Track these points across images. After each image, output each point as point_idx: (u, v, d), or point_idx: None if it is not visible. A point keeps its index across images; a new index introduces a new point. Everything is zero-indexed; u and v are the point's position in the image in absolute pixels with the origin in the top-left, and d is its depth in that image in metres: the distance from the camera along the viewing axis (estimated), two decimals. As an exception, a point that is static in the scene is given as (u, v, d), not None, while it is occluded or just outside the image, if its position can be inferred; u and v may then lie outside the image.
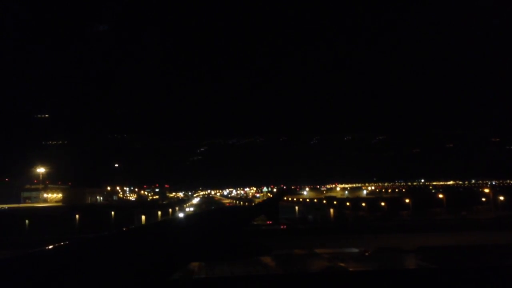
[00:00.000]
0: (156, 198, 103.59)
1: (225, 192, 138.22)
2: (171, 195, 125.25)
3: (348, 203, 57.52)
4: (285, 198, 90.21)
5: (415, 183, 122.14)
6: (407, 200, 46.88)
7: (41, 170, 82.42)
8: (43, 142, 79.77)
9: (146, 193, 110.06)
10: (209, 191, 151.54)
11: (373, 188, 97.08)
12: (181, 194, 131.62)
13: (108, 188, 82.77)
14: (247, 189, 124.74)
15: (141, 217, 51.10)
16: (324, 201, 64.43)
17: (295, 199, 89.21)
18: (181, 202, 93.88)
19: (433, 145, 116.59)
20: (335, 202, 62.52)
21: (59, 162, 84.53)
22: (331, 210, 57.42)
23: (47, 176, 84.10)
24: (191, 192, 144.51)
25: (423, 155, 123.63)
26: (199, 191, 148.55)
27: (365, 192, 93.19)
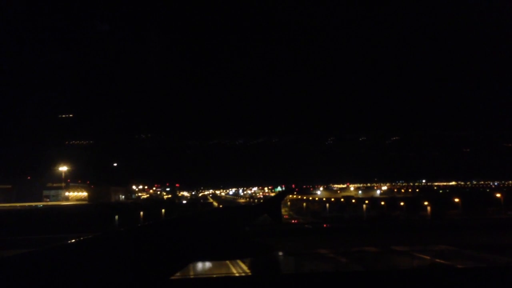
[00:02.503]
0: (169, 197, 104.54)
1: (231, 192, 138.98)
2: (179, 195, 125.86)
3: (382, 203, 60.01)
4: (310, 198, 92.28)
5: (417, 183, 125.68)
6: (456, 200, 49.25)
7: (63, 168, 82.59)
8: (67, 142, 79.99)
9: (158, 192, 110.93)
10: (211, 190, 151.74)
11: (385, 188, 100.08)
12: (185, 193, 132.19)
13: (134, 187, 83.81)
14: (255, 189, 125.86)
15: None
16: (353, 201, 66.78)
17: (310, 198, 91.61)
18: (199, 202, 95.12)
19: (438, 146, 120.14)
20: (366, 202, 64.92)
21: (80, 161, 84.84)
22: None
23: (69, 174, 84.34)
24: (193, 192, 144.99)
25: (423, 156, 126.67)
26: (201, 191, 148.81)
27: (378, 192, 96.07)
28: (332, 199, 75.41)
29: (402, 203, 55.13)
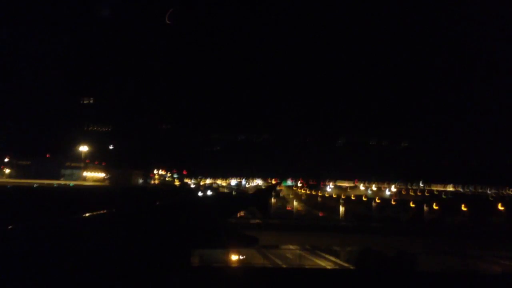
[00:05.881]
0: (180, 184, 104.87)
1: (233, 182, 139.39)
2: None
3: (412, 205, 62.16)
4: (320, 193, 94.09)
5: (414, 187, 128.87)
6: (500, 206, 51.38)
7: (83, 148, 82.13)
8: (85, 128, 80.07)
9: (167, 178, 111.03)
10: (208, 180, 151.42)
11: (394, 189, 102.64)
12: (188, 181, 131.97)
13: (155, 171, 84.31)
14: (259, 181, 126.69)
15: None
16: (378, 200, 69.03)
17: (326, 195, 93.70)
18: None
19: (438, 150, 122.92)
20: (393, 202, 67.26)
21: (98, 143, 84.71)
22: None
23: (88, 155, 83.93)
24: (192, 179, 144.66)
25: (424, 158, 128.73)
26: (201, 179, 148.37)
27: (388, 192, 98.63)
28: (377, 199, 74.67)
29: (435, 206, 57.45)
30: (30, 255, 2.27)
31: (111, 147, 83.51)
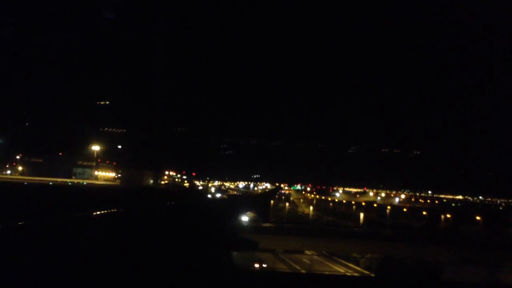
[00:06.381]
0: (189, 185, 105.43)
1: (241, 185, 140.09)
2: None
3: (424, 212, 62.12)
4: (337, 200, 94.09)
5: (423, 194, 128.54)
6: None
7: (96, 148, 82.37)
8: (101, 129, 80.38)
9: (176, 179, 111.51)
10: (217, 182, 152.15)
11: (403, 196, 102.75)
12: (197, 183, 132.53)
13: (167, 172, 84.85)
14: (267, 185, 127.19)
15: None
16: (388, 207, 68.90)
17: (336, 200, 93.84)
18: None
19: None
20: (404, 209, 67.23)
21: (110, 143, 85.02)
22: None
23: (100, 154, 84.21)
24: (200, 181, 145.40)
25: (433, 167, 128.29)
26: (208, 181, 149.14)
27: (397, 199, 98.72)
28: (389, 206, 73.99)
29: (448, 215, 57.22)
30: (41, 251, 2.42)
31: (119, 147, 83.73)
